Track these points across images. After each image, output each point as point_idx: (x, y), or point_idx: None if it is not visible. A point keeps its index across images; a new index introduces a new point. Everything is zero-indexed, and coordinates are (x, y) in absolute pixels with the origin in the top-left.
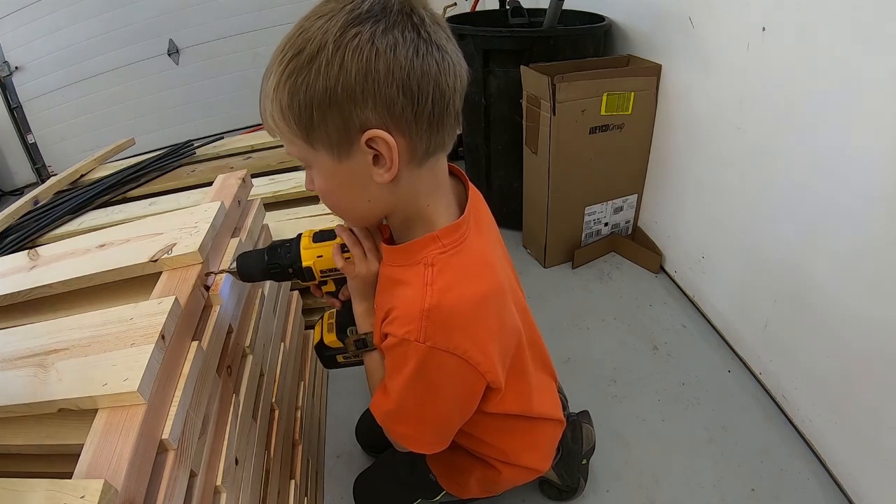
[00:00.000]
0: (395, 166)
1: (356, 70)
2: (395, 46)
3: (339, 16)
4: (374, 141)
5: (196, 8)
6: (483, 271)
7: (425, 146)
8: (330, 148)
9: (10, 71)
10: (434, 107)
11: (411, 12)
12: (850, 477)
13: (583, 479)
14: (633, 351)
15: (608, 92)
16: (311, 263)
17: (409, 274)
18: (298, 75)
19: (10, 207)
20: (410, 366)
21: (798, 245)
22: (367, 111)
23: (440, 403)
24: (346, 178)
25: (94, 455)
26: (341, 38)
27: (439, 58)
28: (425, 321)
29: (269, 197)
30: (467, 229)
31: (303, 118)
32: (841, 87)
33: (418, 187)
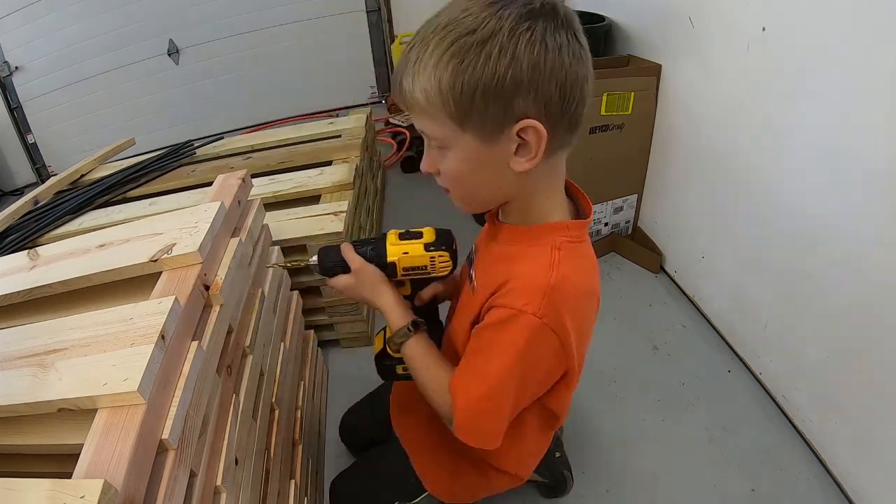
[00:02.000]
0: (539, 156)
1: (527, 62)
2: (561, 47)
3: (514, 7)
4: (526, 131)
5: (196, 8)
6: (594, 273)
7: (560, 141)
8: (481, 132)
9: (10, 71)
10: (577, 108)
11: (573, 20)
12: (850, 477)
13: (566, 470)
14: (633, 351)
15: (608, 92)
16: (396, 259)
17: (530, 252)
18: (466, 57)
19: (10, 207)
20: (518, 339)
21: (798, 245)
22: (529, 102)
23: (530, 383)
24: (486, 162)
25: (93, 455)
26: (516, 28)
27: (587, 66)
28: (546, 297)
29: (269, 197)
30: (587, 232)
31: (463, 100)
32: (841, 87)
33: (541, 179)
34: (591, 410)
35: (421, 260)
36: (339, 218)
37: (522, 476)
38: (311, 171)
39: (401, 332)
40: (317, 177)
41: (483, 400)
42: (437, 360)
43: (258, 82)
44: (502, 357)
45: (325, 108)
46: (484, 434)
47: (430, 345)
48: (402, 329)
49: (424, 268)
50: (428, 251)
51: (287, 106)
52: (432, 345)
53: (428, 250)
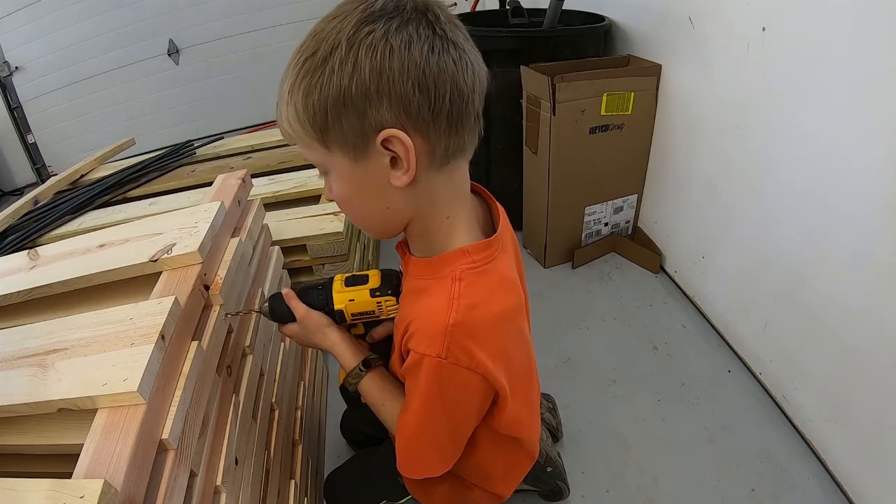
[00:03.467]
0: (412, 168)
1: (370, 68)
2: (410, 43)
3: (353, 15)
4: (391, 141)
5: (196, 8)
6: (509, 291)
7: (444, 148)
8: (346, 150)
9: (10, 71)
10: (452, 105)
11: (426, 10)
12: (850, 477)
13: (559, 481)
14: (633, 351)
15: (608, 92)
16: (343, 307)
17: (433, 286)
18: (312, 76)
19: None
20: (432, 384)
21: (798, 244)
22: (383, 110)
23: (459, 418)
24: (364, 182)
25: (93, 455)
26: (354, 36)
27: (456, 56)
28: (448, 337)
29: (269, 197)
30: (497, 248)
31: (318, 119)
32: (841, 88)
33: (438, 194)
34: (591, 411)
35: (367, 305)
36: (339, 218)
37: (502, 495)
38: (311, 171)
39: (353, 373)
40: (317, 177)
41: (413, 440)
42: (392, 395)
43: (258, 82)
44: (420, 401)
45: None
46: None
47: (385, 379)
48: (354, 370)
49: (372, 312)
50: (374, 297)
51: None
52: (387, 378)
53: (374, 296)
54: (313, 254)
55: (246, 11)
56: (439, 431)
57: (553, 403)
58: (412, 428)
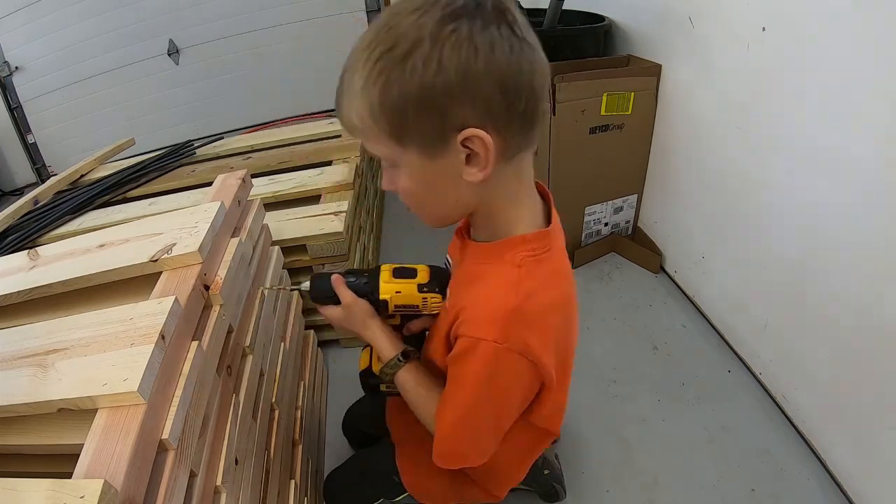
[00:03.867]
0: (490, 165)
1: (455, 67)
2: (493, 44)
3: (434, 11)
4: (471, 140)
5: (196, 8)
6: (563, 281)
7: (516, 144)
8: (423, 147)
9: (10, 71)
10: (528, 105)
11: (505, 10)
12: (850, 477)
13: (555, 483)
14: (633, 351)
15: (608, 92)
16: (388, 297)
17: (493, 272)
18: (392, 72)
19: (10, 207)
20: (485, 369)
21: (798, 245)
22: (466, 109)
23: (505, 407)
24: (436, 177)
25: (93, 455)
26: (438, 33)
27: (532, 57)
28: (507, 322)
29: (269, 197)
30: (553, 238)
31: (396, 117)
32: (841, 88)
33: (504, 186)
34: (591, 410)
35: (413, 299)
36: (339, 218)
37: (497, 495)
38: (311, 171)
39: (391, 363)
40: (317, 177)
41: (457, 427)
42: (428, 388)
43: (258, 82)
44: (469, 386)
45: (325, 108)
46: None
47: (422, 372)
48: (392, 360)
49: (416, 307)
50: (421, 292)
51: (287, 106)
52: (424, 371)
53: (421, 291)
54: (313, 254)
55: (246, 11)
56: (484, 419)
57: None
58: (458, 414)
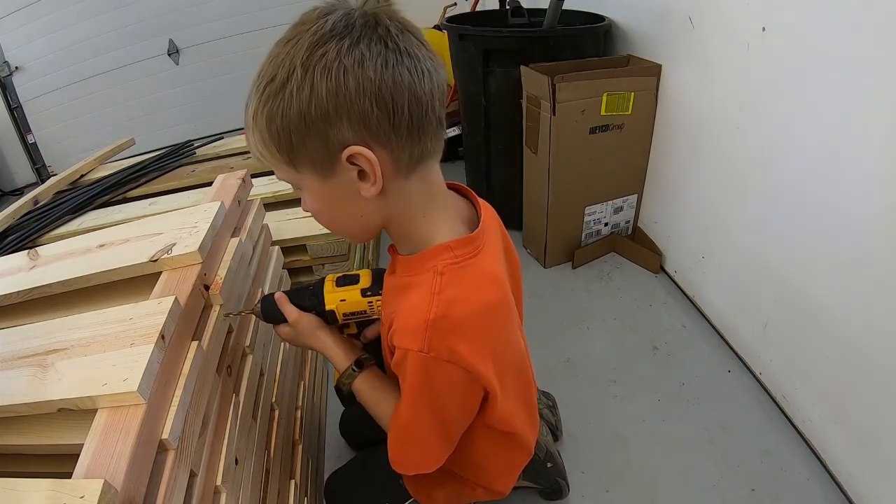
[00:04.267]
0: (378, 180)
1: (326, 90)
2: (363, 61)
3: (305, 38)
4: (355, 157)
5: (196, 8)
6: (491, 284)
7: (408, 155)
8: (314, 168)
9: (10, 71)
10: (412, 115)
11: (376, 24)
12: (850, 477)
13: (559, 478)
14: (633, 351)
15: (608, 92)
16: (334, 307)
17: (416, 282)
18: (273, 102)
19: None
20: (417, 378)
21: (798, 244)
22: (343, 129)
23: (446, 413)
24: (335, 196)
25: (93, 455)
26: (308, 60)
27: (411, 66)
28: (430, 331)
29: (269, 197)
30: (481, 243)
31: (283, 143)
32: (841, 88)
33: (410, 198)
34: (590, 410)
35: (359, 305)
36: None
37: (501, 491)
38: None
39: (346, 374)
40: None
41: (402, 434)
42: (385, 393)
43: None
44: (407, 395)
45: None
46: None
47: (379, 378)
48: (347, 370)
49: (364, 312)
50: (365, 296)
51: None
52: (380, 377)
53: (365, 295)
54: (313, 254)
55: (246, 11)
56: (427, 426)
57: (553, 402)
58: (401, 423)
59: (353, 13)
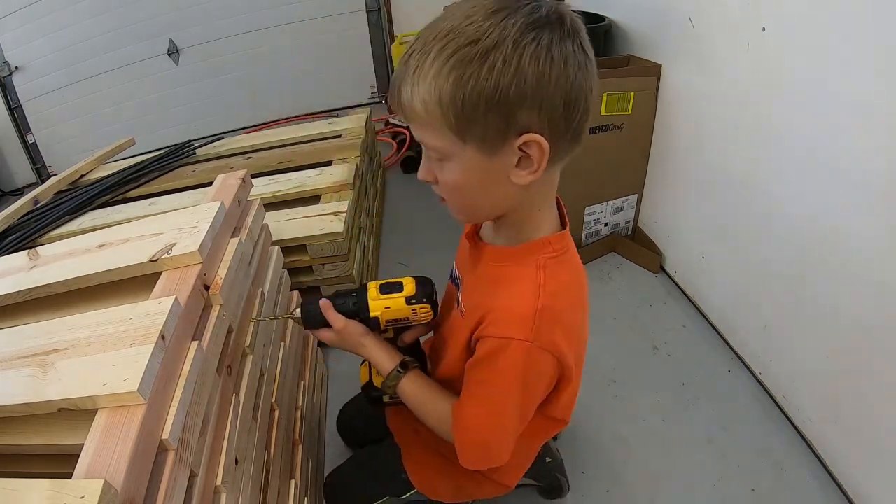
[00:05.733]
0: (541, 169)
1: (532, 73)
2: (567, 59)
3: (518, 16)
4: (528, 144)
5: (196, 8)
6: (581, 278)
7: (563, 152)
8: (482, 144)
9: (10, 71)
10: (581, 119)
11: (578, 29)
12: (850, 477)
13: (558, 474)
14: (633, 351)
15: (608, 92)
16: (378, 314)
17: (516, 273)
18: (468, 67)
19: (10, 207)
20: (515, 366)
21: (798, 244)
22: (532, 115)
23: (531, 402)
24: (487, 174)
25: (93, 455)
26: (521, 38)
27: (591, 75)
28: (537, 321)
29: (269, 197)
30: (570, 239)
31: (465, 109)
32: (841, 88)
33: (540, 190)
34: (591, 410)
35: (403, 313)
36: (339, 218)
37: (508, 485)
38: (311, 171)
39: (391, 376)
40: (317, 177)
41: (488, 429)
42: (433, 393)
43: (258, 82)
44: (503, 385)
45: (325, 108)
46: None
47: (423, 379)
48: (392, 373)
49: (406, 319)
50: (409, 304)
51: (287, 106)
52: (425, 378)
53: (409, 303)
54: (313, 254)
55: (246, 11)
56: (512, 416)
57: None
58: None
59: (563, 9)
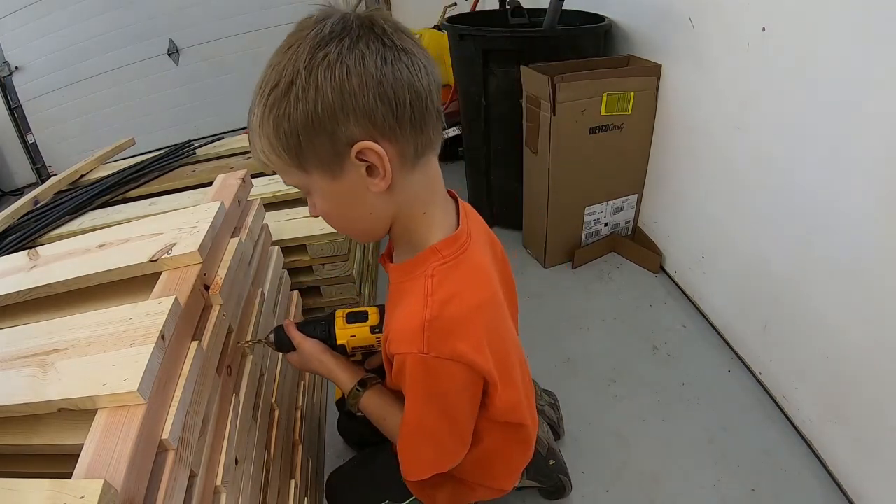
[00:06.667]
0: (388, 173)
1: (331, 89)
2: (364, 59)
3: (305, 43)
4: (364, 153)
5: (196, 8)
6: (481, 280)
7: (413, 148)
8: (323, 169)
9: (10, 71)
10: (413, 108)
11: (372, 25)
12: (850, 477)
13: (561, 475)
14: (633, 351)
15: (608, 92)
16: (345, 342)
17: (408, 288)
18: (279, 106)
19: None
20: (418, 380)
21: (798, 244)
22: (350, 126)
23: (454, 410)
24: (345, 194)
25: (93, 455)
26: (311, 62)
27: (408, 62)
28: (427, 332)
29: (269, 197)
30: (466, 240)
31: (291, 146)
32: (841, 88)
33: (415, 191)
34: (591, 410)
35: (367, 341)
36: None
37: (505, 488)
38: None
39: (352, 394)
40: None
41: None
42: (392, 408)
43: None
44: (414, 399)
45: None
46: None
47: (383, 396)
48: (352, 390)
49: (372, 346)
50: (373, 333)
51: None
52: (387, 394)
53: (373, 332)
54: (313, 254)
55: (246, 11)
56: (435, 427)
57: (555, 399)
58: (409, 428)
59: (350, 16)
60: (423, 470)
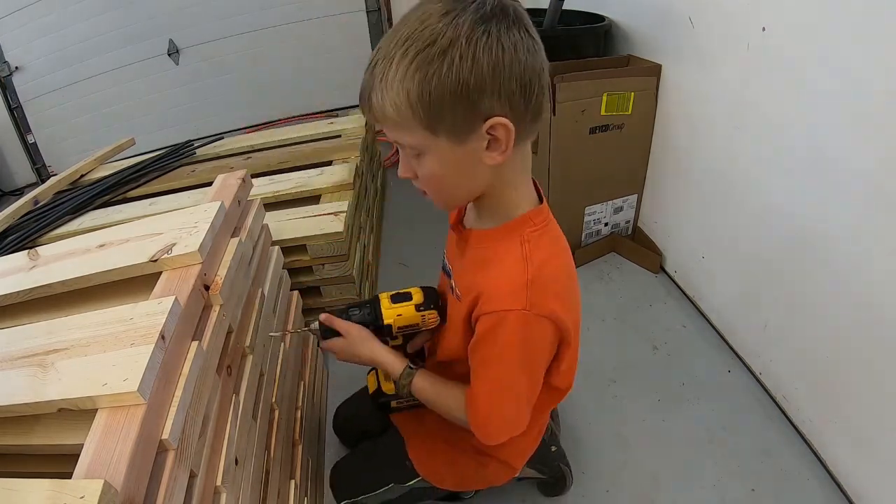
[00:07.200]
0: (510, 149)
1: (487, 64)
2: (516, 45)
3: (466, 14)
4: (496, 128)
5: (196, 8)
6: (564, 247)
7: (527, 131)
8: (453, 134)
9: (10, 71)
10: (538, 98)
11: (522, 16)
12: (850, 477)
13: (563, 465)
14: (633, 351)
15: (608, 92)
16: (391, 321)
17: (502, 250)
18: (430, 67)
19: (10, 207)
20: (516, 336)
21: (798, 244)
22: (493, 101)
23: (538, 370)
24: (461, 161)
25: (93, 455)
26: (472, 34)
27: (541, 57)
28: (529, 290)
29: (269, 197)
30: (549, 213)
31: (433, 106)
32: (841, 88)
33: (513, 168)
34: (591, 410)
35: (413, 319)
36: (339, 218)
37: (516, 466)
38: (311, 171)
39: (404, 374)
40: (317, 177)
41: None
42: (445, 384)
43: (258, 82)
44: (507, 357)
45: (325, 108)
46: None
47: (432, 374)
48: (404, 371)
49: (416, 325)
50: (419, 311)
51: (287, 106)
52: (433, 374)
53: (419, 310)
54: (313, 254)
55: (246, 11)
56: (521, 385)
57: None
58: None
59: (505, 2)
60: (504, 430)
